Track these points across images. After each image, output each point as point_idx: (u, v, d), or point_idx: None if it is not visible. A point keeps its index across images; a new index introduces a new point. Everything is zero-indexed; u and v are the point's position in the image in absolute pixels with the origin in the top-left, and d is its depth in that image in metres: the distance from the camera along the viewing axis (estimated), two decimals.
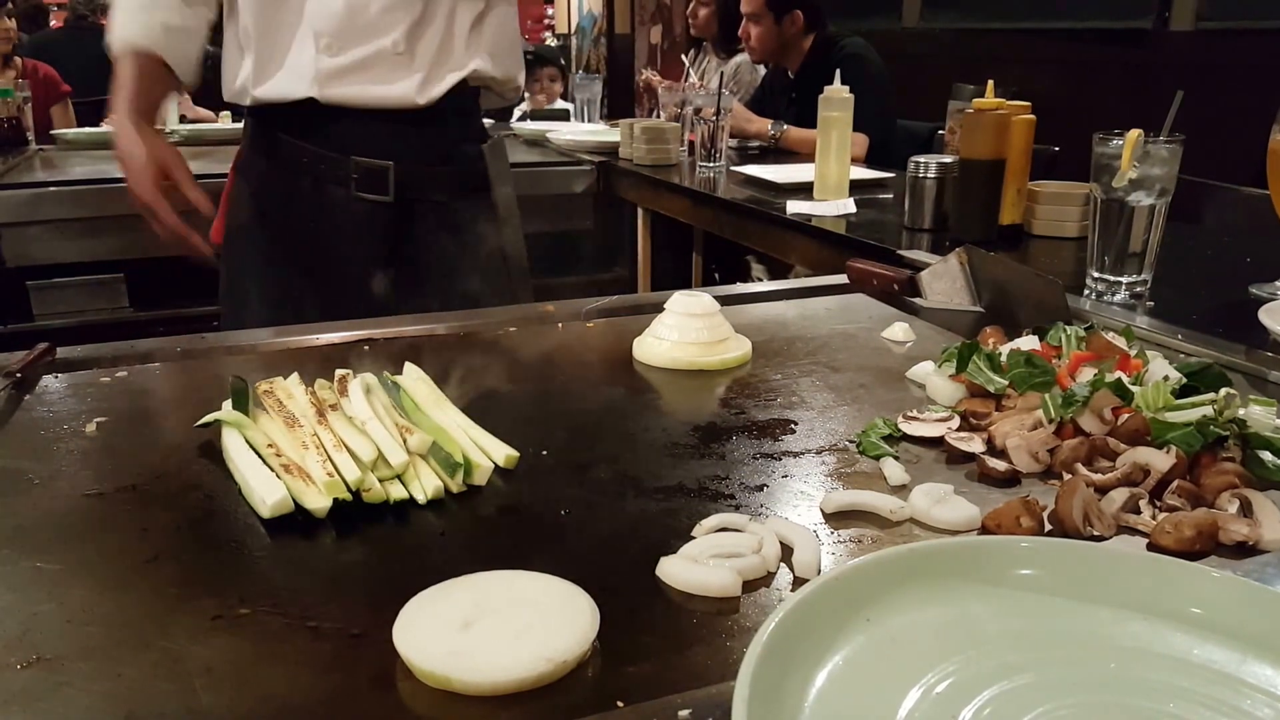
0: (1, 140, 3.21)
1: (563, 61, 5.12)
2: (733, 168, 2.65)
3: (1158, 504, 0.75)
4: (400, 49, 1.43)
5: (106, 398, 0.99)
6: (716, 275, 3.20)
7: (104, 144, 2.97)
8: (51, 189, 2.50)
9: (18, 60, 4.10)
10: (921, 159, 1.84)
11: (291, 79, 1.44)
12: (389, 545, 0.71)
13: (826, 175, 2.17)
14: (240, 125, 1.63)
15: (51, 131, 3.56)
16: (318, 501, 0.73)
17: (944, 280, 1.32)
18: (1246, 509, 0.72)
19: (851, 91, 2.18)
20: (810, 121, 2.29)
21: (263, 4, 1.42)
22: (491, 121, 3.82)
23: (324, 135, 1.47)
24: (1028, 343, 1.02)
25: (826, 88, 2.20)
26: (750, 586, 0.65)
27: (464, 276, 1.55)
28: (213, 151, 3.04)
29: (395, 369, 0.96)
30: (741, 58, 3.92)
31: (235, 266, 1.57)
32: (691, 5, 4.15)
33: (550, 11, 9.75)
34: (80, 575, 0.67)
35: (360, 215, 1.49)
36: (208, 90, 1.70)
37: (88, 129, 3.52)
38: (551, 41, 8.64)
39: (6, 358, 1.04)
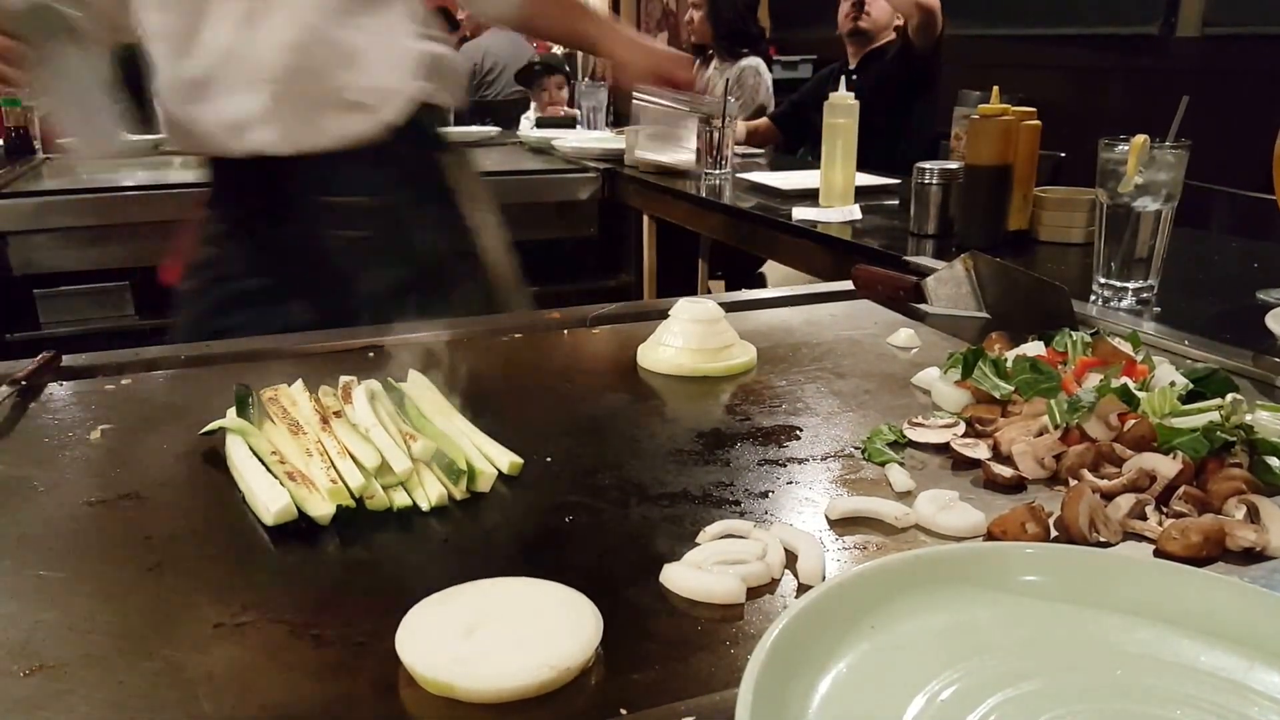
0: (9, 148, 3.22)
1: (569, 69, 5.12)
2: (738, 174, 2.65)
3: (1164, 510, 0.74)
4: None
5: (111, 405, 0.99)
6: (723, 282, 3.20)
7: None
8: (58, 197, 2.51)
9: None
10: (927, 165, 1.84)
11: None
12: (392, 552, 0.71)
13: (832, 182, 2.17)
14: None
15: (58, 140, 3.57)
16: (321, 508, 0.73)
17: (949, 286, 1.32)
18: (1254, 515, 0.71)
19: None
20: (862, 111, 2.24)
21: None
22: (499, 130, 3.86)
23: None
24: (1033, 348, 1.02)
25: (832, 94, 2.20)
26: (754, 593, 0.64)
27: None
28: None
29: (399, 376, 0.96)
30: (745, 63, 3.92)
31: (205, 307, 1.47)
32: (688, 13, 4.16)
33: None
34: (83, 583, 0.67)
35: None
36: None
37: None
38: (558, 50, 8.65)
39: (12, 365, 1.04)
